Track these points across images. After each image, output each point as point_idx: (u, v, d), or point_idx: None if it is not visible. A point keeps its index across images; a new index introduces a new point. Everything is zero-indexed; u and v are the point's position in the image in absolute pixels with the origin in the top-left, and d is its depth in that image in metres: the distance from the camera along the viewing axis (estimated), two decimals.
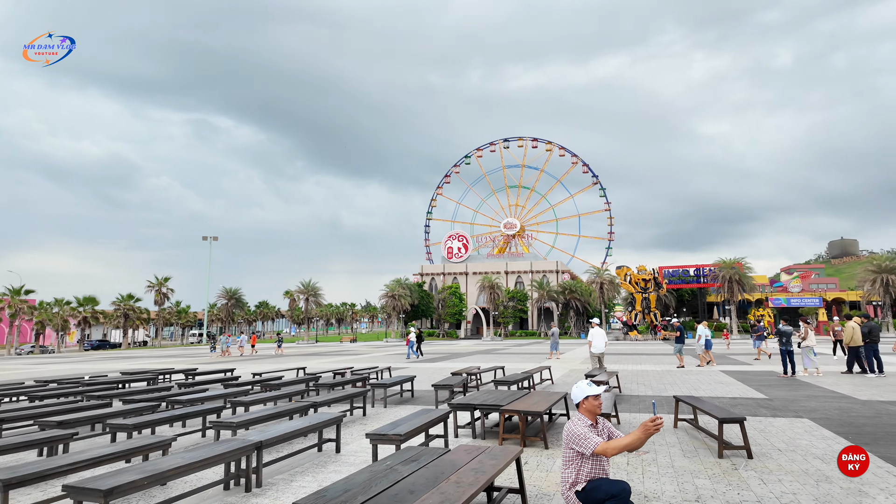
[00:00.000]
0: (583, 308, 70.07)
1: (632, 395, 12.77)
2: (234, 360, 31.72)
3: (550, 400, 8.30)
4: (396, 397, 13.00)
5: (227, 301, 77.94)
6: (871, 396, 11.71)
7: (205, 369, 20.72)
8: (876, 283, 54.16)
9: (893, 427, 8.38)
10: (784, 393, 12.61)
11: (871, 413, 9.67)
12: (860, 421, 8.95)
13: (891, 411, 9.81)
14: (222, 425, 7.23)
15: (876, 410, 9.95)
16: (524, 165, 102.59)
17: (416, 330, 30.99)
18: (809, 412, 9.93)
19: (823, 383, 14.30)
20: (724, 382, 15.13)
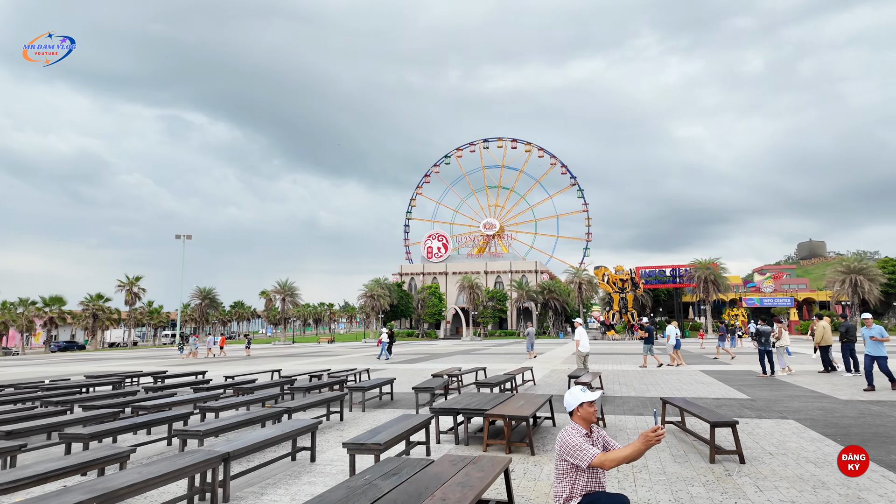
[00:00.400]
0: (561, 308, 70.41)
1: (615, 395, 12.59)
2: (203, 363, 30.83)
3: (535, 403, 8.00)
4: (375, 400, 12.59)
5: (202, 301, 76.22)
6: (851, 396, 11.73)
7: (176, 372, 19.98)
8: (845, 283, 55.53)
9: (879, 428, 8.30)
10: (766, 393, 12.57)
11: (855, 413, 9.62)
12: (845, 422, 8.87)
13: (873, 411, 9.78)
14: (188, 434, 6.76)
15: (858, 410, 9.91)
16: (504, 166, 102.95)
17: (389, 330, 30.44)
18: (793, 413, 9.84)
19: (803, 383, 14.34)
20: (705, 382, 15.09)
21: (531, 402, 8.11)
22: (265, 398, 10.39)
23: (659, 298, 72.87)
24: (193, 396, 10.44)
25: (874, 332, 12.66)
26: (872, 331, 12.70)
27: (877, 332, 12.62)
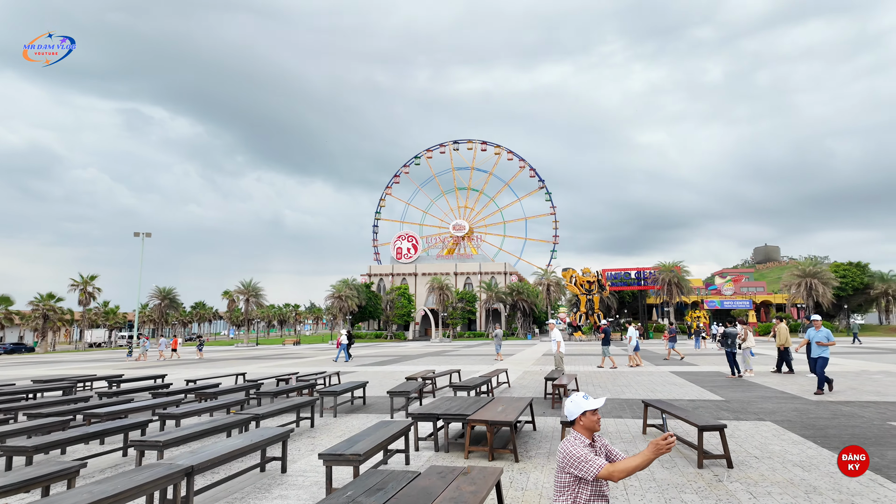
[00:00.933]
0: (529, 309, 70.85)
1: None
2: (155, 366, 29.55)
3: (517, 408, 7.73)
4: (347, 405, 12.12)
5: (161, 301, 73.52)
6: (820, 397, 11.91)
7: (133, 375, 18.96)
8: (801, 286, 57.69)
9: (855, 429, 8.37)
10: (738, 394, 12.67)
11: (828, 414, 9.71)
12: (821, 423, 8.92)
13: (845, 412, 9.91)
14: (147, 444, 6.20)
15: (831, 411, 10.02)
16: (473, 168, 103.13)
17: (347, 332, 29.73)
18: (769, 414, 9.88)
19: (771, 384, 14.57)
20: (676, 384, 15.17)
21: (513, 407, 7.84)
22: (230, 404, 9.81)
23: (624, 300, 74.17)
24: (152, 402, 9.78)
25: (821, 337, 12.45)
26: (820, 334, 12.51)
27: (823, 335, 12.42)
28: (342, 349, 28.74)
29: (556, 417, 9.89)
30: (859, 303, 65.76)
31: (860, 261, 65.56)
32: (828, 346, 12.20)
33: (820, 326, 12.65)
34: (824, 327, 12.71)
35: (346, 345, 28.78)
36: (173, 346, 40.78)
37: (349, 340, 29.29)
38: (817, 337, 12.45)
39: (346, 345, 28.78)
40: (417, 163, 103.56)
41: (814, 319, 13.07)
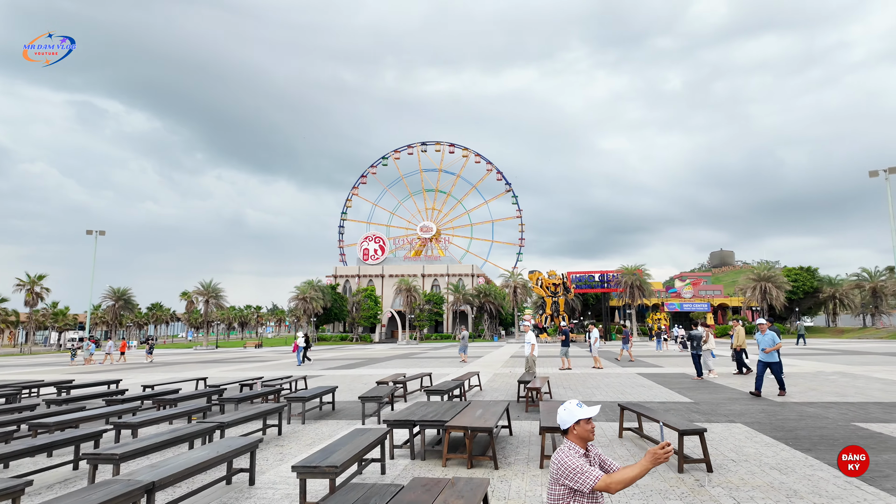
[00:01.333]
0: (496, 311, 71.16)
1: (562, 399, 12.39)
2: (107, 370, 28.22)
3: (495, 413, 7.57)
4: (315, 411, 11.71)
5: (115, 302, 70.48)
6: (784, 398, 12.20)
7: (84, 381, 17.96)
8: (756, 290, 59.88)
9: (823, 430, 8.54)
10: (706, 396, 12.86)
11: (795, 416, 9.92)
12: (789, 424, 9.08)
13: (811, 413, 10.14)
14: (101, 458, 5.74)
15: (797, 413, 10.25)
16: (441, 170, 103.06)
17: (304, 335, 29.12)
18: (738, 416, 10.02)
19: (736, 385, 14.89)
20: (645, 385, 15.34)
21: (490, 412, 7.66)
22: (191, 411, 9.29)
23: (588, 302, 75.39)
24: (106, 410, 9.18)
25: (766, 341, 12.32)
26: (766, 338, 12.37)
27: (769, 339, 12.27)
28: (299, 352, 28.08)
29: (532, 421, 9.78)
30: (809, 306, 68.74)
31: (810, 265, 68.60)
32: (774, 349, 12.15)
33: (766, 330, 12.53)
34: (770, 330, 12.54)
35: (303, 348, 28.17)
36: (121, 348, 38.82)
37: (306, 344, 28.69)
38: (763, 341, 12.37)
39: (303, 348, 28.17)
40: (385, 163, 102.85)
41: (759, 323, 12.87)
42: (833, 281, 67.76)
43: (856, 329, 62.48)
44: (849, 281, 66.81)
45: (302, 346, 28.20)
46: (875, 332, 55.98)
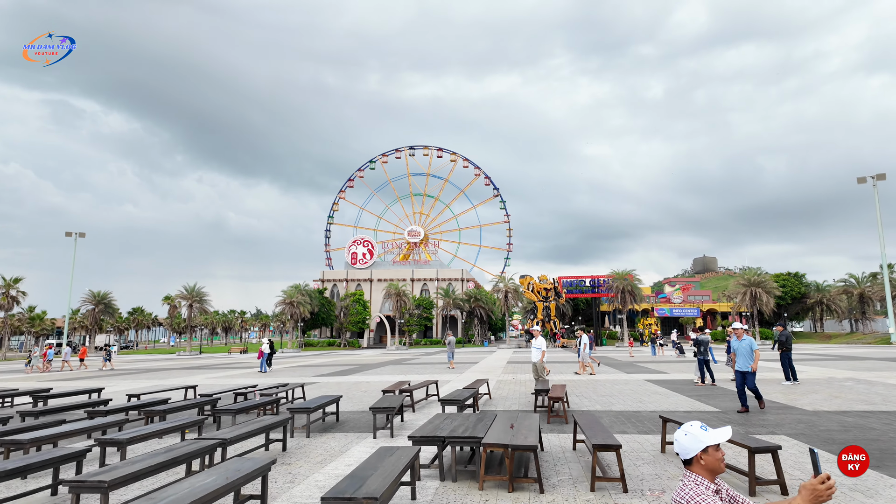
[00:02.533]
0: (486, 316, 70.46)
1: (580, 410, 11.69)
2: (88, 377, 26.88)
3: (531, 427, 6.80)
4: (318, 423, 10.82)
5: (95, 306, 68.33)
6: (814, 406, 11.62)
7: (63, 389, 16.81)
8: (746, 295, 60.03)
9: (878, 442, 7.91)
10: (729, 404, 12.23)
11: (837, 426, 9.30)
12: (837, 436, 8.45)
13: (852, 423, 9.54)
14: (86, 486, 4.84)
15: (837, 423, 9.64)
16: (429, 174, 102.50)
17: (269, 341, 28.09)
18: (777, 427, 9.37)
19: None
20: (660, 393, 14.69)
21: (525, 426, 6.89)
22: (185, 425, 8.36)
23: (578, 307, 75.09)
24: (89, 424, 8.21)
25: (743, 348, 11.06)
26: (742, 344, 11.10)
27: (746, 345, 11.02)
28: (264, 359, 27.03)
29: (559, 434, 9.02)
30: (796, 311, 69.21)
31: (797, 271, 69.09)
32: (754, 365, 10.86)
33: (742, 336, 11.25)
34: (749, 336, 11.25)
35: (268, 354, 27.14)
36: (81, 355, 36.83)
37: (271, 350, 27.68)
38: (740, 349, 11.10)
39: (268, 354, 27.14)
40: (372, 167, 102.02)
41: (734, 328, 11.56)
42: (820, 287, 68.33)
43: (843, 334, 62.97)
44: (836, 287, 67.39)
45: (266, 353, 27.17)
46: (862, 338, 56.37)
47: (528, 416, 7.72)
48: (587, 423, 7.11)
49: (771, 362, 24.47)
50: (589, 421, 7.32)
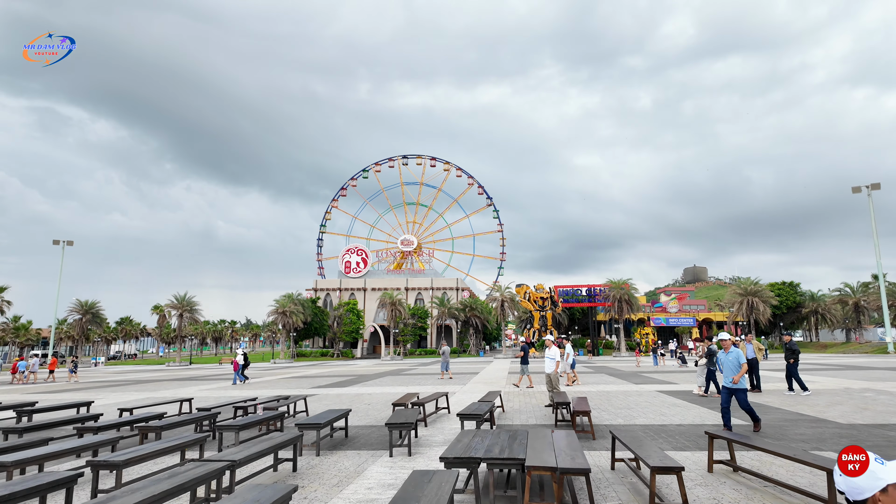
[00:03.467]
0: (482, 326, 69.77)
1: (601, 424, 11.06)
2: (74, 389, 25.86)
3: (573, 445, 6.18)
4: (326, 439, 10.11)
5: (82, 316, 66.81)
6: (846, 418, 11.09)
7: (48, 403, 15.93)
8: (743, 304, 59.88)
9: None
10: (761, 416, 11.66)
11: (883, 441, 8.76)
12: (886, 452, 7.89)
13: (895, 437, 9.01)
14: None
15: (881, 437, 9.11)
16: (422, 183, 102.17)
17: (243, 352, 27.22)
18: (818, 441, 8.81)
19: (776, 403, 13.77)
20: (679, 405, 14.10)
21: (566, 444, 6.27)
22: (185, 444, 7.64)
23: (574, 317, 74.62)
24: (79, 444, 7.46)
25: (731, 363, 9.61)
26: (730, 357, 9.63)
27: (734, 358, 9.56)
28: (239, 370, 26.14)
29: (587, 451, 8.38)
30: (791, 320, 69.22)
31: (792, 280, 69.23)
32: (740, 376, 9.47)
33: (730, 347, 9.77)
34: (737, 349, 9.83)
35: (242, 366, 26.26)
36: (51, 366, 34.97)
37: (245, 362, 26.81)
38: (727, 362, 9.70)
39: (242, 366, 26.26)
40: (365, 176, 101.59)
41: (721, 339, 10.15)
42: (815, 296, 68.42)
43: (839, 343, 62.94)
44: (831, 296, 67.50)
45: (241, 364, 26.29)
46: (858, 347, 56.32)
47: (566, 434, 7.10)
48: (631, 441, 6.50)
49: (771, 372, 23.98)
50: (632, 438, 6.71)
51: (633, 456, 7.27)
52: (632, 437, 6.93)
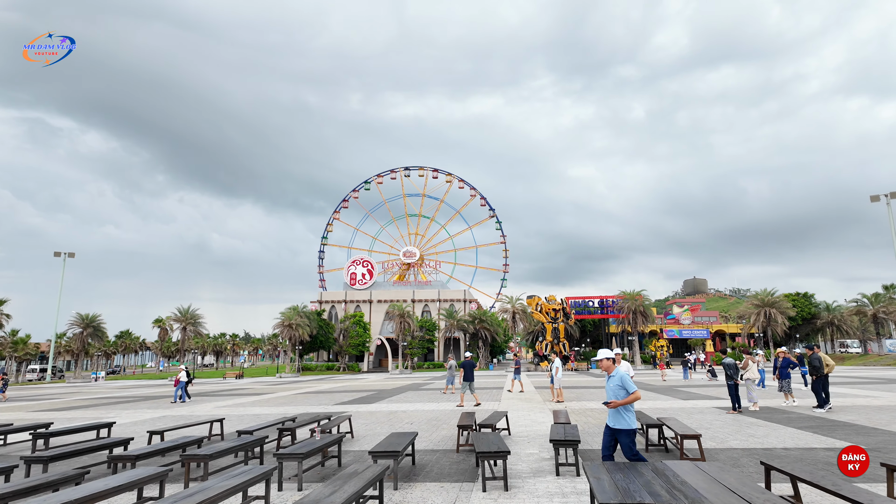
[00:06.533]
0: (491, 338, 68.36)
1: (692, 447, 9.84)
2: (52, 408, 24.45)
3: (755, 489, 4.98)
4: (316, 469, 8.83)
5: (83, 330, 65.17)
6: None
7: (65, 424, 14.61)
8: (759, 315, 58.68)
9: None
10: (858, 438, 10.45)
11: None
12: None
13: None
14: None
15: None
16: (424, 195, 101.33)
17: (186, 368, 25.85)
18: None
19: (850, 419, 12.56)
20: (756, 424, 12.87)
21: (743, 485, 5.07)
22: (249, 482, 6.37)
23: (586, 329, 73.31)
24: (123, 481, 6.20)
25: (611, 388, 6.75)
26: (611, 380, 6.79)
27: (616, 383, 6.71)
28: (180, 387, 24.79)
29: None
30: (807, 332, 67.99)
31: (806, 291, 68.11)
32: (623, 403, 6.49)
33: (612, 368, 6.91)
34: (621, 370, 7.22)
35: (184, 383, 24.92)
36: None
37: (188, 378, 25.47)
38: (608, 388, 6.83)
39: (184, 383, 24.92)
40: (367, 188, 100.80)
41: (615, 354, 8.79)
42: (830, 307, 67.28)
43: (857, 356, 61.67)
44: (847, 307, 66.35)
45: (183, 381, 24.92)
46: (878, 359, 55.11)
47: (717, 467, 5.89)
48: (805, 472, 5.30)
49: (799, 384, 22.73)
50: (803, 468, 5.51)
51: (819, 489, 6.06)
52: (801, 467, 5.74)
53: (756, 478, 7.40)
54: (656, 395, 22.17)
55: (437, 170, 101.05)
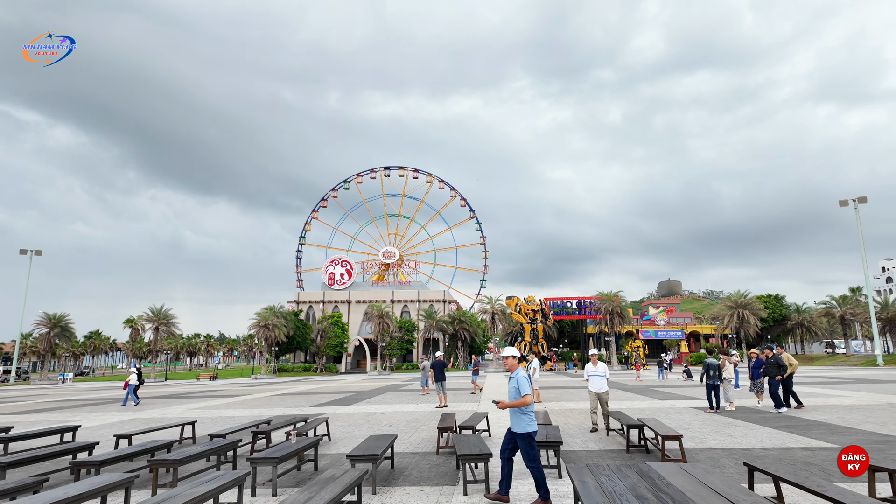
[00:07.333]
0: (470, 339, 68.34)
1: (673, 448, 9.84)
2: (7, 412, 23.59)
3: (742, 490, 4.92)
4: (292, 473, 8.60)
5: (50, 330, 63.08)
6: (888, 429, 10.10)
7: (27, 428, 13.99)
8: (733, 317, 59.85)
9: None
10: (836, 437, 10.60)
11: None
12: None
13: None
14: None
15: None
16: (405, 195, 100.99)
17: (137, 371, 25.26)
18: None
19: (821, 418, 12.77)
20: (733, 424, 12.99)
21: (730, 487, 5.00)
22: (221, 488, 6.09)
23: (563, 329, 73.79)
24: (85, 489, 5.86)
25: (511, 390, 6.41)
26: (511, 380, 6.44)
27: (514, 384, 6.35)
28: (130, 391, 24.26)
29: None
30: (778, 333, 69.59)
31: (777, 293, 69.72)
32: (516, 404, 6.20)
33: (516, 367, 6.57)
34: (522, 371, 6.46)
35: (134, 386, 24.39)
36: None
37: (139, 381, 24.93)
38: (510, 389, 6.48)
39: (134, 386, 24.39)
40: (347, 187, 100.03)
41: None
42: (801, 309, 68.99)
43: (825, 357, 63.35)
44: (817, 309, 68.12)
45: (133, 384, 24.36)
46: (846, 359, 56.67)
47: (702, 469, 5.83)
48: (785, 472, 5.26)
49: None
50: (782, 468, 5.48)
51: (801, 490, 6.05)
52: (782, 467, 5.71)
53: (738, 478, 7.39)
54: (634, 395, 22.31)
55: (418, 170, 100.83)
